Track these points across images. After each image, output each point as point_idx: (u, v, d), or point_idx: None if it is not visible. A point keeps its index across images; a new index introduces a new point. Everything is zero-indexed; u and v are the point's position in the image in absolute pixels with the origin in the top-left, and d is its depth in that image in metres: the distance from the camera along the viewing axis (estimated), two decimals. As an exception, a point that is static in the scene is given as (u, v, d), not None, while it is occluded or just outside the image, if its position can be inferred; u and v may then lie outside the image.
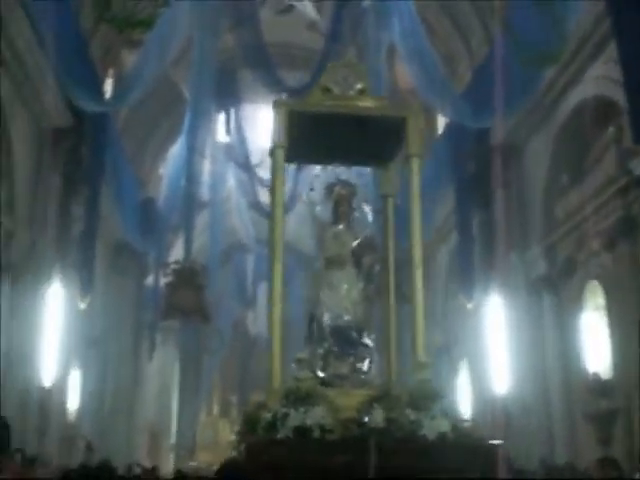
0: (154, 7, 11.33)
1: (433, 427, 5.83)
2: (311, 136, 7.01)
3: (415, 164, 6.90)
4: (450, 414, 6.12)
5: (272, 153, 6.98)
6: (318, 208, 7.36)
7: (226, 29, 19.27)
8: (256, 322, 29.06)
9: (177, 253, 22.86)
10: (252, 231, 25.53)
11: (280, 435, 5.66)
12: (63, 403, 17.91)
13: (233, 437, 6.85)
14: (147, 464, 21.60)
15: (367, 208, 7.44)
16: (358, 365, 6.73)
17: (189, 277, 20.18)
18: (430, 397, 6.07)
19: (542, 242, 16.75)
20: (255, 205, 23.29)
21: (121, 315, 22.75)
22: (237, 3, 18.26)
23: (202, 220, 22.75)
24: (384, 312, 7.38)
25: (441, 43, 20.19)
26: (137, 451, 24.12)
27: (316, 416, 5.73)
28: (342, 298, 6.89)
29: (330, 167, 7.45)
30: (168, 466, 27.23)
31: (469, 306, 18.30)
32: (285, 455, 5.48)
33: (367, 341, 6.83)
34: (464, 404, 20.62)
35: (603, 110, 14.12)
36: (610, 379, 14.15)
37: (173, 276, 20.40)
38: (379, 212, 7.72)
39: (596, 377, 14.40)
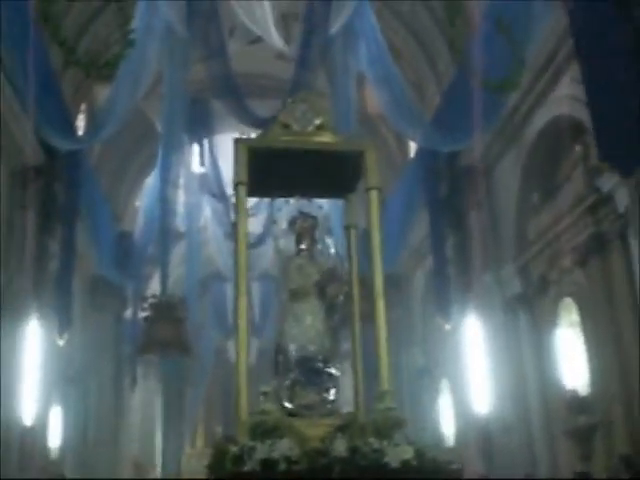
0: (120, 48, 11.35)
1: (396, 455, 5.90)
2: (272, 171, 7.16)
3: (374, 196, 7.04)
4: (415, 441, 6.19)
5: (234, 189, 7.11)
6: (282, 241, 7.46)
7: (196, 60, 19.46)
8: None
9: (155, 285, 22.83)
10: (229, 260, 25.54)
11: (247, 468, 5.73)
12: (44, 440, 17.78)
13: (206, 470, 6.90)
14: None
15: (329, 240, 7.57)
16: (324, 395, 6.78)
17: (167, 310, 20.20)
18: (393, 425, 6.15)
19: (516, 261, 16.95)
20: (231, 235, 23.34)
21: (100, 350, 22.66)
22: (205, 36, 18.45)
23: (179, 251, 22.79)
24: (350, 341, 7.48)
25: (409, 68, 20.49)
26: (121, 485, 23.94)
27: (282, 448, 5.79)
28: (307, 329, 6.96)
29: (293, 200, 7.55)
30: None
31: (447, 327, 18.46)
32: None
33: (333, 370, 6.90)
34: (446, 424, 20.73)
35: (570, 129, 14.39)
36: (588, 395, 14.32)
37: (151, 310, 20.41)
38: (343, 243, 7.91)
39: (574, 393, 14.55)
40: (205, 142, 23.20)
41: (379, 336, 6.68)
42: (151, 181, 21.88)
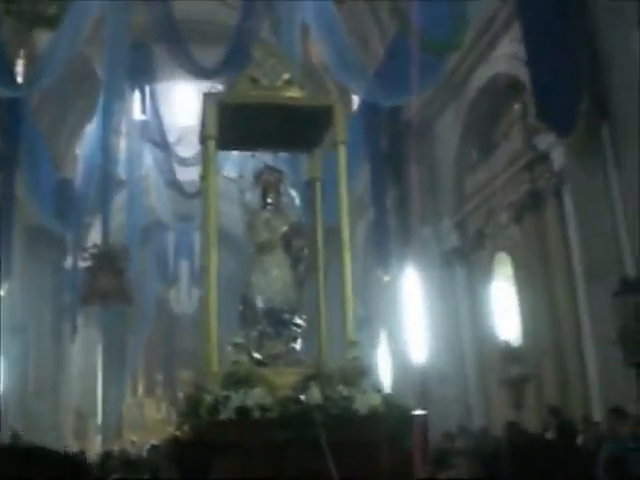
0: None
1: (365, 402, 6.08)
2: (240, 125, 7.13)
3: (342, 150, 7.07)
4: (380, 388, 6.46)
5: (202, 143, 7.12)
6: (248, 195, 7.44)
7: (138, 5, 19.14)
8: (179, 300, 29.14)
9: (95, 234, 22.69)
10: (171, 209, 25.51)
11: (222, 416, 5.89)
12: (-15, 390, 17.76)
13: (175, 419, 7.23)
14: (74, 446, 21.64)
15: (294, 193, 7.61)
16: (291, 345, 6.90)
17: (108, 260, 20.10)
18: (360, 373, 6.33)
19: (453, 216, 17.30)
20: (172, 183, 23.26)
21: (41, 299, 22.54)
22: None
23: (120, 199, 22.62)
24: (314, 293, 7.52)
25: (354, 21, 20.41)
26: (64, 433, 24.03)
27: (256, 397, 5.96)
28: (273, 281, 7.04)
29: (258, 154, 7.60)
30: (95, 446, 27.24)
31: (386, 278, 18.77)
32: (228, 435, 5.72)
33: (299, 321, 7.00)
34: (385, 374, 21.20)
35: (510, 88, 14.64)
36: (520, 346, 14.82)
37: (92, 260, 20.29)
38: (306, 196, 7.92)
39: (507, 345, 15.05)
40: (147, 89, 22.89)
41: (345, 288, 6.77)
42: (92, 128, 21.60)
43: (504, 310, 15.49)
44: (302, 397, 6.06)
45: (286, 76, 7.19)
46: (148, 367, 31.75)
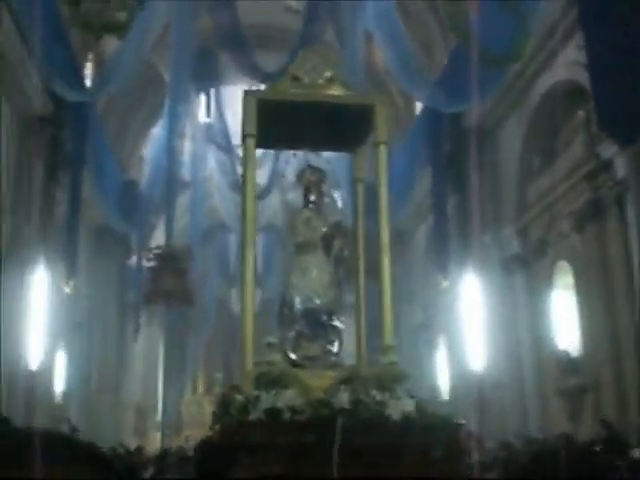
0: (131, 10, 11.38)
1: (397, 407, 5.95)
2: (281, 123, 7.03)
3: (382, 151, 6.94)
4: (415, 395, 6.22)
5: (243, 141, 7.03)
6: (290, 194, 7.51)
7: (204, 11, 19.48)
8: (239, 300, 29.43)
9: (159, 234, 23.10)
10: (233, 211, 25.80)
11: (252, 417, 5.80)
12: (49, 385, 18.22)
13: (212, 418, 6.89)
14: (134, 442, 22.04)
15: (336, 193, 7.57)
16: (328, 347, 6.77)
17: (172, 261, 20.47)
18: (396, 379, 6.20)
19: (515, 223, 17.19)
20: (235, 185, 23.56)
21: (105, 297, 23.03)
22: (213, -15, 18.49)
23: (184, 200, 23.01)
24: (354, 295, 7.43)
25: (418, 27, 20.43)
26: (124, 430, 24.49)
27: (286, 398, 5.88)
28: (312, 282, 6.92)
29: (302, 153, 7.51)
30: (155, 443, 27.67)
31: (445, 284, 18.73)
32: (257, 436, 5.62)
33: (337, 323, 6.87)
34: (442, 379, 21.15)
35: (573, 95, 14.49)
36: (579, 356, 14.67)
37: (156, 261, 20.68)
38: (350, 196, 7.88)
39: (566, 354, 14.91)
40: (212, 92, 23.25)
41: (384, 291, 6.66)
42: (157, 131, 22.02)
43: (563, 319, 15.35)
44: (331, 400, 5.96)
45: (328, 74, 7.08)
46: (208, 366, 32.11)
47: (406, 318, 22.25)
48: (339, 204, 7.34)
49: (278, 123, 6.97)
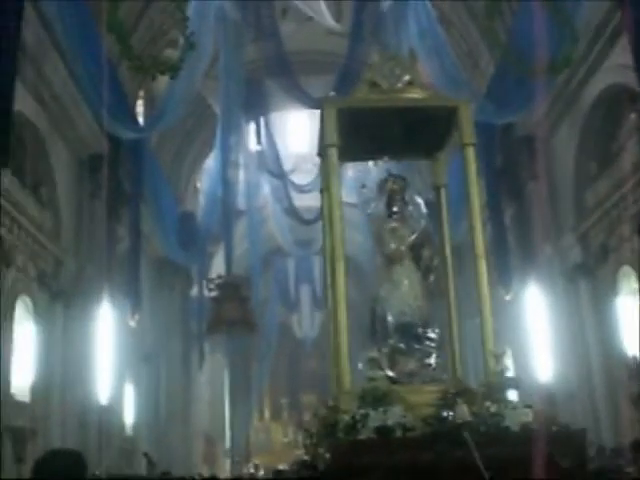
0: (181, 51, 11.59)
1: (516, 418, 5.75)
2: (360, 133, 6.90)
3: (470, 152, 6.76)
4: (530, 403, 6.04)
5: (323, 153, 6.90)
6: (372, 205, 7.26)
7: (249, 41, 19.77)
8: (301, 325, 29.58)
9: (218, 262, 23.35)
10: (289, 235, 25.97)
11: (362, 436, 5.58)
12: (120, 418, 18.50)
13: (305, 441, 6.74)
14: (204, 470, 22.22)
15: (420, 200, 7.26)
16: (425, 360, 6.62)
17: (233, 290, 20.69)
18: (508, 388, 6.03)
19: (575, 230, 16.94)
20: (290, 210, 23.75)
21: (169, 328, 23.34)
22: (258, 18, 18.74)
23: (240, 229, 23.25)
24: (445, 304, 7.26)
25: (461, 38, 20.42)
26: (194, 458, 24.68)
27: (396, 415, 5.66)
28: (404, 293, 6.77)
29: (380, 163, 7.36)
30: (224, 471, 27.83)
31: (507, 297, 18.53)
32: (370, 455, 5.37)
33: (432, 335, 6.71)
34: (510, 393, 20.86)
35: (624, 97, 14.32)
36: (649, 361, 14.36)
37: (218, 290, 20.92)
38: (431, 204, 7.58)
39: (635, 360, 14.59)
40: (261, 120, 23.49)
41: (482, 297, 6.52)
42: (211, 162, 22.31)
43: (631, 325, 15.06)
44: (445, 415, 5.73)
45: (407, 78, 6.90)
46: (273, 392, 32.25)
47: (470, 333, 22.01)
48: (423, 211, 6.97)
49: (357, 133, 6.83)
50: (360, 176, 21.95)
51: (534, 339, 17.79)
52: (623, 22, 12.13)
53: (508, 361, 20.64)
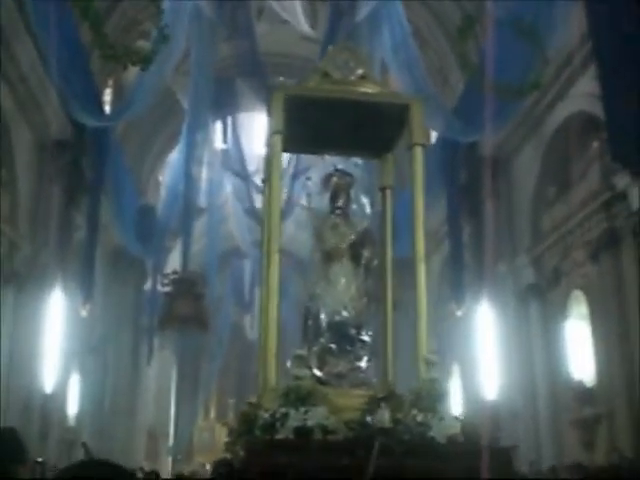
0: (154, 44, 11.56)
1: (442, 429, 5.53)
2: (309, 123, 6.63)
3: (419, 153, 6.54)
4: (459, 416, 5.89)
5: (269, 141, 6.67)
6: (315, 199, 7.07)
7: (222, 39, 19.71)
8: (253, 326, 29.45)
9: (175, 258, 23.21)
10: (248, 236, 25.89)
11: (280, 436, 5.39)
12: (63, 408, 18.28)
13: (225, 438, 6.52)
14: (146, 467, 22.04)
15: (365, 200, 7.10)
16: (357, 363, 6.40)
17: (188, 286, 20.58)
18: (438, 397, 5.78)
19: (530, 252, 17.21)
20: (251, 211, 23.69)
21: (120, 321, 23.13)
22: (233, 17, 18.72)
23: (199, 226, 23.13)
24: (382, 308, 7.00)
25: (434, 55, 20.62)
26: (136, 453, 24.47)
27: (318, 416, 5.46)
28: (340, 293, 6.56)
29: (327, 158, 7.16)
30: (166, 468, 27.62)
31: (459, 313, 18.71)
32: (286, 456, 5.14)
33: (365, 338, 6.49)
34: (455, 408, 21.04)
35: (588, 125, 14.58)
36: (593, 386, 14.62)
37: (172, 286, 20.79)
38: (376, 205, 7.44)
39: (580, 384, 14.85)
40: (228, 119, 23.42)
41: (419, 302, 6.22)
42: (175, 156, 22.19)
43: (578, 349, 15.31)
44: (369, 420, 5.53)
45: (360, 71, 6.70)
46: (221, 392, 32.03)
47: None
48: (368, 210, 6.61)
49: (305, 123, 6.56)
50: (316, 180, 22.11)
51: (483, 356, 17.98)
52: (593, 51, 12.36)
53: (455, 375, 20.94)
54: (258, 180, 23.32)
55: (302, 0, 18.81)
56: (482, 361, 18.00)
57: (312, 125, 6.70)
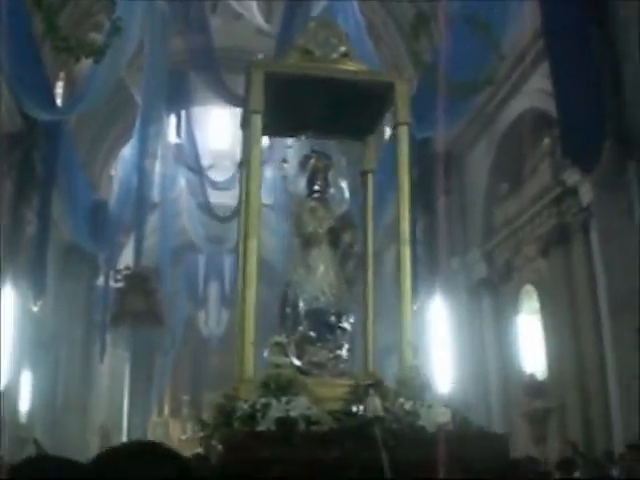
0: (107, 36, 11.45)
1: (432, 417, 5.33)
2: (286, 104, 6.35)
3: (403, 132, 6.36)
4: (447, 403, 5.66)
5: (245, 122, 6.43)
6: (292, 182, 6.80)
7: (176, 33, 19.57)
8: (208, 322, 29.40)
9: (128, 253, 23.03)
10: (202, 231, 25.79)
11: (261, 427, 5.04)
12: (15, 405, 18.04)
13: (199, 432, 6.07)
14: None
15: (344, 183, 6.83)
16: (337, 352, 6.18)
17: (140, 282, 20.45)
18: (423, 384, 5.61)
19: (482, 247, 17.40)
20: (204, 206, 23.58)
21: (72, 317, 22.87)
22: (187, 11, 18.61)
23: (152, 220, 22.97)
24: (362, 294, 6.88)
25: (388, 51, 20.71)
26: (89, 449, 24.25)
27: (301, 406, 5.14)
28: (319, 279, 6.32)
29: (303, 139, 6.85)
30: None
31: (414, 307, 18.81)
32: (269, 449, 4.78)
33: (346, 325, 6.28)
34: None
35: (540, 122, 14.78)
36: (545, 380, 14.85)
37: (125, 281, 20.63)
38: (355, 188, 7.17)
39: (532, 378, 15.08)
40: (182, 113, 23.29)
41: (403, 286, 6.13)
42: (127, 151, 21.99)
43: (530, 343, 15.54)
44: (354, 410, 5.27)
45: (342, 49, 6.47)
46: (175, 388, 31.88)
47: (375, 340, 22.24)
48: (346, 195, 6.27)
49: (282, 104, 6.25)
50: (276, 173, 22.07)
51: (435, 350, 18.13)
52: (545, 48, 12.54)
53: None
54: (212, 175, 23.37)
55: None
56: (435, 355, 18.16)
57: (290, 105, 6.45)
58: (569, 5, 11.12)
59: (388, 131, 20.98)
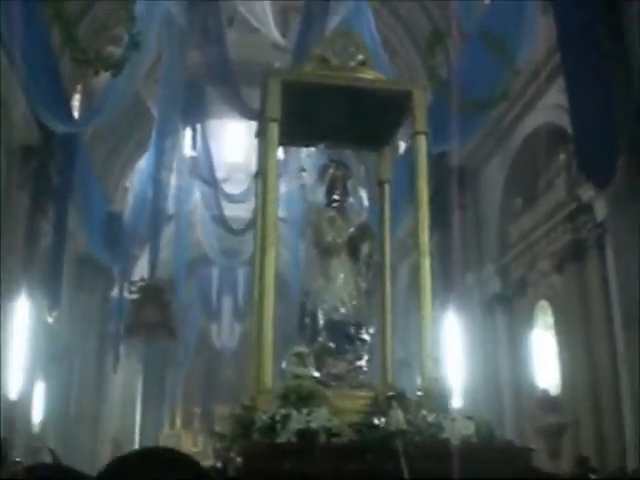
0: (126, 49, 11.53)
1: (456, 429, 5.27)
2: (303, 112, 6.38)
3: (422, 141, 6.44)
4: (471, 415, 5.59)
5: (261, 131, 6.43)
6: (311, 191, 6.76)
7: (193, 46, 19.69)
8: (220, 334, 29.40)
9: (142, 265, 23.10)
10: (216, 244, 25.82)
11: (281, 439, 4.97)
12: (28, 415, 18.09)
13: (216, 444, 6.06)
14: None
15: (363, 192, 6.81)
16: (356, 363, 6.15)
17: (155, 294, 20.48)
18: (446, 396, 5.56)
19: (496, 262, 17.37)
20: (219, 219, 23.62)
21: (86, 328, 22.94)
22: (204, 24, 18.71)
23: (167, 233, 23.03)
24: (381, 304, 6.85)
25: (404, 66, 20.77)
26: (100, 461, 24.24)
27: (322, 418, 5.06)
28: (338, 289, 6.30)
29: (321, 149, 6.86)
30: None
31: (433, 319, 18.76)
32: (289, 461, 4.73)
33: (365, 336, 6.24)
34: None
35: (556, 137, 14.77)
36: (558, 395, 14.79)
37: (139, 293, 20.68)
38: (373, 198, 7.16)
39: (545, 393, 15.02)
40: (198, 126, 23.38)
41: (423, 297, 6.09)
42: (143, 163, 22.10)
43: (544, 358, 15.48)
44: (375, 422, 5.19)
45: (360, 57, 6.47)
46: (187, 400, 31.86)
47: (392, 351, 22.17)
48: (365, 204, 6.19)
49: (298, 114, 6.27)
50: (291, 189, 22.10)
51: (448, 365, 18.06)
52: (561, 63, 12.53)
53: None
54: (227, 188, 23.42)
55: (273, 8, 18.79)
56: (448, 370, 18.08)
57: (306, 114, 6.46)
58: (584, 20, 11.11)
59: (402, 146, 21.15)
